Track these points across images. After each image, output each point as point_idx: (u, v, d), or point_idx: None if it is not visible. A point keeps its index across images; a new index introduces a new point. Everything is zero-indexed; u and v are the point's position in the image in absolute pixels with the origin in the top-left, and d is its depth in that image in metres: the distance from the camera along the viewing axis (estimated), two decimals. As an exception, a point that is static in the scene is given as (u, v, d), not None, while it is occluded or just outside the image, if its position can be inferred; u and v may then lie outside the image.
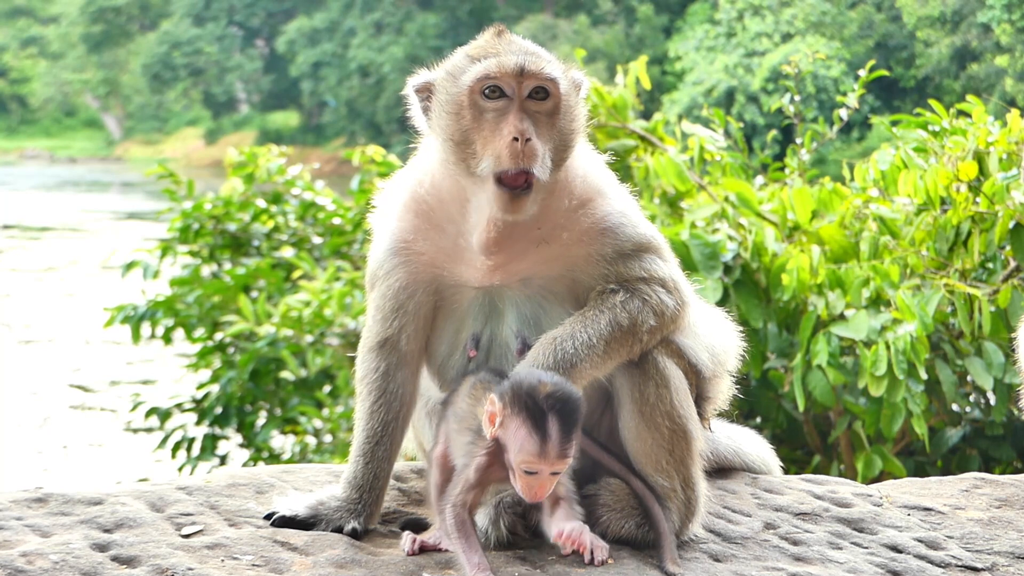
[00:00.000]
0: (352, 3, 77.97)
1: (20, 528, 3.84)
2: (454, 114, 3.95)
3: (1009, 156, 7.96)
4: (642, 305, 4.02)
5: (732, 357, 4.43)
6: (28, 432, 18.95)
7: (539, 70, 3.91)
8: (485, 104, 3.91)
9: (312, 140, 76.07)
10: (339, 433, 11.15)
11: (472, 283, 4.05)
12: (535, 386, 3.65)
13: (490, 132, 3.89)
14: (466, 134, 3.92)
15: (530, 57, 3.93)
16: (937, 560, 4.18)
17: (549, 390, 3.64)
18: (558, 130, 3.95)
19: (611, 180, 4.21)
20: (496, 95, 3.91)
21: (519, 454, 3.60)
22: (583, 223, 4.04)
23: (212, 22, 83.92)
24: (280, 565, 3.76)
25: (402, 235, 4.10)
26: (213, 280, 12.18)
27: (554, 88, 3.93)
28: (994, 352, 7.83)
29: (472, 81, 3.92)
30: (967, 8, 54.64)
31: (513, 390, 3.65)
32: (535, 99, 3.92)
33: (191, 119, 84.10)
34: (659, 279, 4.07)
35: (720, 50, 59.98)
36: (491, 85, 3.90)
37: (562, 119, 3.96)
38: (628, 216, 4.11)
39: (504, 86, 3.90)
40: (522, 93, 3.90)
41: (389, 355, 4.13)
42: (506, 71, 3.89)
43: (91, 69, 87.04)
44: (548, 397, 3.62)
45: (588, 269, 4.05)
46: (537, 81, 3.91)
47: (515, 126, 3.85)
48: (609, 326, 3.96)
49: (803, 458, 8.83)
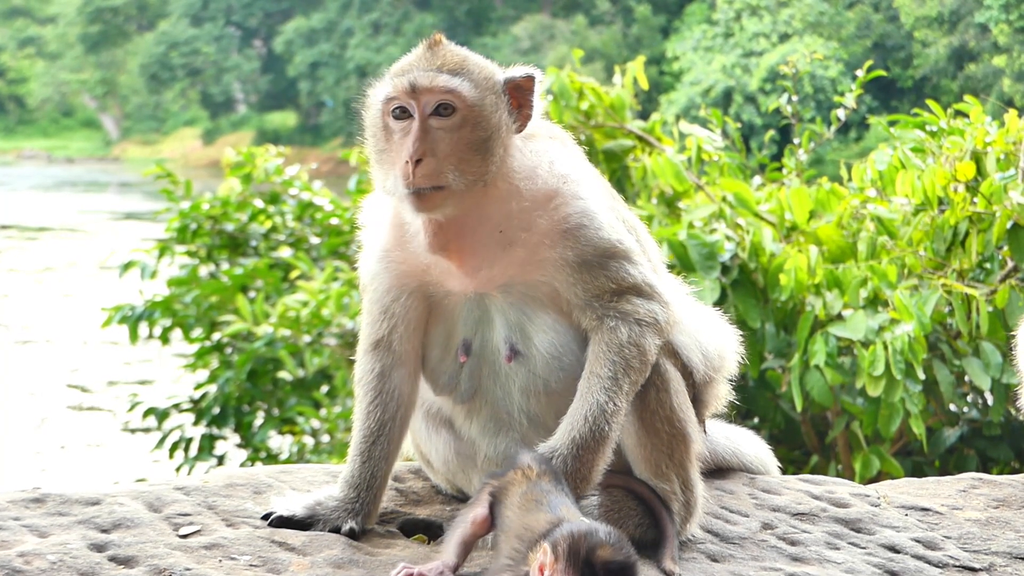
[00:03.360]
0: (350, 3, 77.96)
1: (18, 528, 3.84)
2: (372, 136, 4.04)
3: (1007, 156, 7.96)
4: (640, 329, 4.01)
5: (729, 360, 4.41)
6: (26, 432, 18.95)
7: (432, 85, 3.91)
8: (392, 124, 3.96)
9: (310, 140, 76.03)
10: (337, 433, 11.15)
11: (454, 290, 4.07)
12: (593, 547, 3.42)
13: (396, 153, 3.95)
14: (381, 155, 4.01)
15: (427, 74, 3.93)
16: (935, 560, 4.18)
17: (607, 556, 3.42)
18: (468, 141, 3.93)
19: (579, 172, 4.15)
20: (402, 115, 3.95)
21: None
22: (543, 223, 4.02)
23: (210, 22, 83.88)
24: (278, 565, 3.75)
25: (385, 244, 4.15)
26: (211, 280, 12.18)
27: (458, 101, 3.92)
28: (992, 352, 7.84)
29: (378, 102, 3.99)
30: (965, 8, 54.67)
31: (571, 548, 3.42)
32: (441, 116, 3.93)
33: (189, 119, 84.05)
34: (632, 287, 4.04)
35: (718, 50, 59.99)
36: (395, 105, 3.94)
37: (473, 129, 3.94)
38: (591, 216, 4.05)
39: (406, 104, 3.93)
40: (423, 111, 3.92)
41: (384, 356, 4.14)
42: (401, 90, 3.93)
43: (89, 69, 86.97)
44: (605, 564, 3.41)
45: (560, 276, 4.02)
46: (436, 96, 3.91)
47: (407, 148, 3.89)
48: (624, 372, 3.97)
49: (801, 458, 8.84)
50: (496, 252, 4.01)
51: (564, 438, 3.92)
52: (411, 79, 3.92)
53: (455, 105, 3.92)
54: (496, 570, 3.58)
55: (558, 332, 4.06)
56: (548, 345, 4.06)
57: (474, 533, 3.75)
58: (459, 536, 3.75)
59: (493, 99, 3.99)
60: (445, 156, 3.90)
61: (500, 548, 3.65)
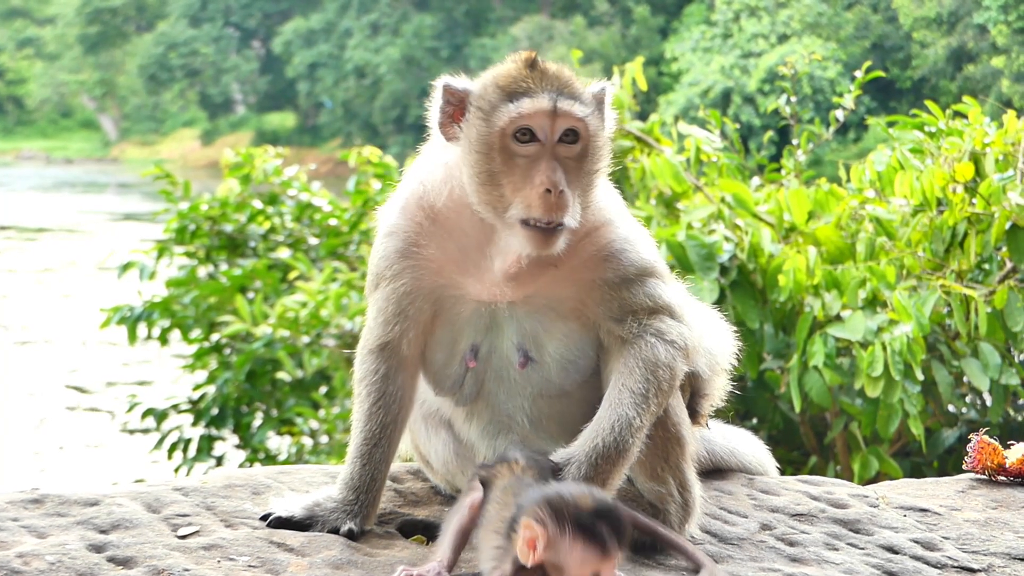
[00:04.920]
0: (348, 4, 77.96)
1: (16, 529, 3.84)
2: (483, 155, 3.83)
3: (1005, 157, 7.97)
4: (673, 352, 3.98)
5: (727, 356, 4.43)
6: (25, 433, 18.95)
7: (571, 110, 3.80)
8: (516, 148, 3.80)
9: (308, 141, 76.05)
10: (335, 434, 11.15)
11: (478, 297, 4.03)
12: (574, 501, 3.45)
13: (521, 179, 3.79)
14: (495, 176, 3.82)
15: (563, 97, 3.81)
16: (933, 561, 4.18)
17: (591, 502, 3.45)
18: (586, 172, 3.87)
19: (619, 206, 4.14)
20: (527, 139, 3.80)
21: (583, 567, 3.42)
22: (589, 249, 3.99)
23: (208, 23, 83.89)
24: (276, 566, 3.75)
25: (415, 238, 4.03)
26: (209, 281, 12.18)
27: (584, 130, 3.84)
28: (990, 353, 7.84)
29: (504, 123, 3.80)
30: (963, 9, 54.69)
31: (553, 511, 3.44)
32: (565, 143, 3.82)
33: (187, 120, 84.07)
34: (665, 306, 4.03)
35: (716, 51, 60.01)
36: (523, 127, 3.79)
37: (590, 161, 3.88)
38: (632, 242, 4.05)
39: (536, 129, 3.79)
40: (554, 137, 3.80)
41: (389, 358, 4.10)
42: (540, 110, 3.78)
43: (87, 70, 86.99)
44: (593, 509, 3.43)
45: (592, 293, 4.00)
46: (569, 123, 3.81)
47: (548, 177, 3.76)
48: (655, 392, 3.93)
49: (799, 459, 8.84)
50: (541, 271, 3.97)
51: (585, 446, 3.88)
52: (552, 101, 3.78)
53: (580, 133, 3.84)
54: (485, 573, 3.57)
55: (572, 338, 4.05)
56: (563, 350, 4.04)
57: (471, 519, 3.73)
58: (455, 526, 3.73)
59: (602, 125, 3.95)
60: (574, 185, 3.82)
61: (481, 547, 3.64)
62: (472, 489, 3.79)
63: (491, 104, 3.84)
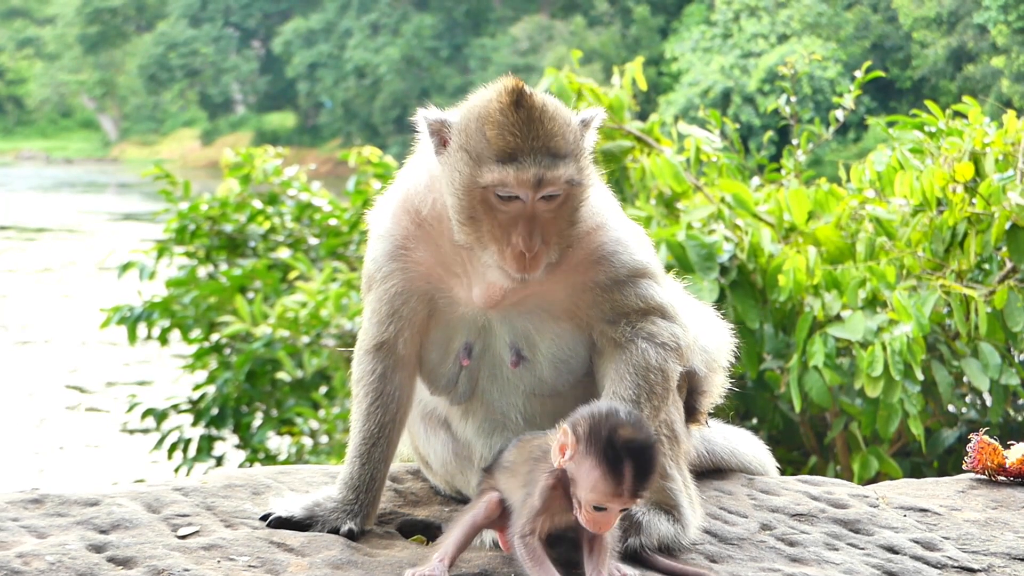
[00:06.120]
0: (348, 4, 77.98)
1: (16, 529, 3.84)
2: (465, 199, 3.82)
3: (1005, 157, 7.97)
4: (665, 354, 3.99)
5: (724, 354, 4.44)
6: (25, 433, 18.95)
7: (556, 176, 3.76)
8: (497, 204, 3.79)
9: (308, 141, 76.07)
10: (335, 434, 11.15)
11: (467, 304, 4.04)
12: (615, 427, 3.47)
13: (499, 230, 3.80)
14: (475, 220, 3.83)
15: (549, 158, 3.76)
16: (933, 561, 4.18)
17: (628, 435, 3.46)
18: (570, 215, 3.86)
19: (613, 208, 4.14)
20: (509, 198, 3.78)
21: (591, 492, 3.47)
22: (581, 252, 4.00)
23: (208, 23, 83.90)
24: (276, 566, 3.75)
25: (402, 241, 4.06)
26: (209, 281, 12.18)
27: (567, 188, 3.82)
28: (990, 353, 7.84)
29: (488, 182, 3.77)
30: (963, 9, 54.70)
31: (591, 427, 3.48)
32: (546, 198, 3.80)
33: (187, 120, 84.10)
34: (658, 307, 4.03)
35: (716, 51, 60.03)
36: (506, 193, 3.77)
37: (574, 204, 3.86)
38: (624, 244, 4.05)
39: (519, 193, 3.77)
40: (536, 198, 3.79)
41: (386, 358, 4.12)
42: (525, 181, 3.75)
43: (87, 70, 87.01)
44: (627, 442, 3.45)
45: (584, 296, 4.02)
46: (552, 188, 3.78)
47: (524, 241, 3.77)
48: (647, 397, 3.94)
49: (799, 459, 8.84)
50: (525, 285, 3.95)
51: None
52: (537, 173, 3.74)
53: (562, 191, 3.82)
54: (521, 500, 3.60)
55: (564, 337, 4.06)
56: (555, 350, 4.06)
57: (487, 516, 3.73)
58: (468, 520, 3.73)
59: (588, 166, 3.92)
60: (551, 239, 3.83)
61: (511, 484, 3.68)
62: (486, 490, 3.79)
63: (477, 154, 3.81)
